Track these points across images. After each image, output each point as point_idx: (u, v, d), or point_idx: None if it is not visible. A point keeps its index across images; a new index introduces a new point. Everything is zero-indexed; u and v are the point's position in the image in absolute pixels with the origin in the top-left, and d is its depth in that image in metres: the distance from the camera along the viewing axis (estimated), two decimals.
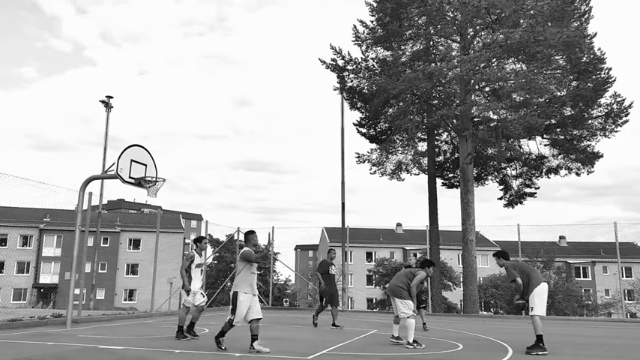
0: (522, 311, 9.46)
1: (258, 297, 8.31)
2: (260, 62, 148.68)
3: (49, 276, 52.79)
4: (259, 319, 7.49)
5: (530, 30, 19.72)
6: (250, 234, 7.96)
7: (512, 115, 20.37)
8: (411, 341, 8.37)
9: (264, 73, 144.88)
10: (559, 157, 23.81)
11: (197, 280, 9.10)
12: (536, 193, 24.94)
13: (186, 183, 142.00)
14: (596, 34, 21.71)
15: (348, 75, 24.66)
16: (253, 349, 7.43)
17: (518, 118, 19.95)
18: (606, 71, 21.73)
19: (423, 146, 25.94)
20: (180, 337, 8.85)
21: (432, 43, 23.86)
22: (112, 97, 17.68)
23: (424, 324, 11.75)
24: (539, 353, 7.78)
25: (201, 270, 9.28)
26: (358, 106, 25.80)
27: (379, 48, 24.44)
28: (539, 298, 7.98)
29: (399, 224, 51.24)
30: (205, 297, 9.22)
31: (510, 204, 25.36)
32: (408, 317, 8.53)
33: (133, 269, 56.33)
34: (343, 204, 20.43)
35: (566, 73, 21.31)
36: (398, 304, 8.74)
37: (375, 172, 25.89)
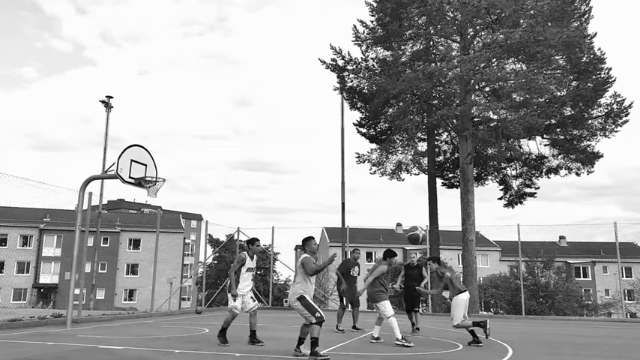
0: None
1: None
2: (260, 62, 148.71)
3: (49, 276, 52.78)
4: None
5: (530, 30, 19.72)
6: (308, 240, 7.32)
7: (512, 115, 20.38)
8: (399, 338, 8.51)
9: (264, 73, 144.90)
10: (559, 157, 23.83)
11: (247, 285, 8.48)
12: (536, 193, 24.96)
13: (186, 183, 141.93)
14: (596, 34, 21.74)
15: (348, 75, 24.67)
16: (299, 351, 7.11)
17: (518, 118, 19.96)
18: (606, 71, 21.74)
19: (423, 146, 25.96)
20: (221, 342, 8.24)
21: (432, 43, 23.87)
22: (112, 97, 17.68)
23: (413, 323, 11.14)
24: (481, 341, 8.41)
25: (253, 274, 8.65)
26: (358, 106, 25.81)
27: (379, 48, 24.45)
28: (457, 309, 8.92)
29: (399, 224, 51.17)
30: (256, 301, 8.69)
31: (510, 204, 25.36)
32: (388, 317, 8.70)
33: (133, 269, 56.32)
34: (343, 204, 20.41)
35: (566, 73, 21.31)
36: (379, 307, 8.95)
37: (375, 172, 25.90)
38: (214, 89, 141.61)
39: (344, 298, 11.55)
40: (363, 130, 26.52)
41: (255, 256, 8.68)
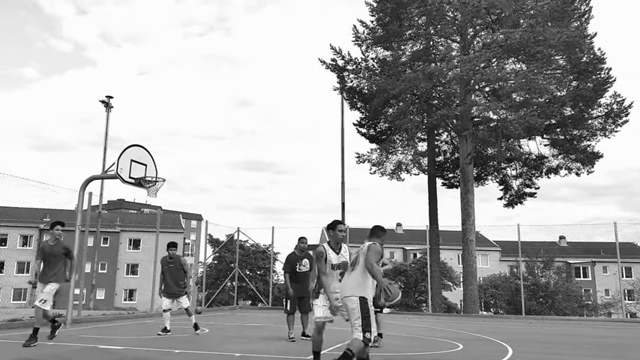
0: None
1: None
2: (260, 62, 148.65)
3: None
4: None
5: (530, 30, 19.73)
6: (381, 230, 5.81)
7: (512, 115, 20.38)
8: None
9: (264, 73, 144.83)
10: (559, 157, 23.83)
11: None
12: (536, 193, 24.95)
13: (186, 183, 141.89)
14: (596, 34, 21.74)
15: (348, 75, 24.67)
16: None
17: (518, 118, 19.96)
18: (606, 71, 21.74)
19: (423, 146, 25.95)
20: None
21: (432, 43, 23.86)
22: (112, 97, 17.66)
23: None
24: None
25: (340, 272, 5.92)
26: (358, 106, 25.81)
27: (379, 48, 24.44)
28: None
29: (399, 224, 51.18)
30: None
31: (510, 204, 25.36)
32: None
33: (133, 269, 56.30)
34: (343, 204, 20.40)
35: (566, 73, 21.31)
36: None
37: (375, 172, 25.89)
38: (214, 89, 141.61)
39: (288, 302, 9.40)
40: (363, 130, 26.52)
41: (342, 247, 6.09)
